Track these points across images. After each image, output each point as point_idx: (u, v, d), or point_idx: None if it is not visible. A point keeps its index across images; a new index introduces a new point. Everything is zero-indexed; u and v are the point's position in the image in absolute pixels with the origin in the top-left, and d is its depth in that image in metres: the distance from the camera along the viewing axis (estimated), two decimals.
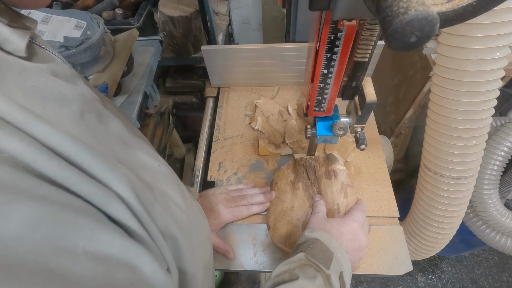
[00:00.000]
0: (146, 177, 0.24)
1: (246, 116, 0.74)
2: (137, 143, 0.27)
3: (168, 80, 1.13)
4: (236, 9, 1.29)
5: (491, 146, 0.67)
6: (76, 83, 0.23)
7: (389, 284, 1.27)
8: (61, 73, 0.22)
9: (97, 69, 0.75)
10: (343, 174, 0.55)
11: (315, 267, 0.37)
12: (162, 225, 0.22)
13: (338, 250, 0.40)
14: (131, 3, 0.94)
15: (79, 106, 0.21)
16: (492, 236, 0.75)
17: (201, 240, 0.36)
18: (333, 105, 0.43)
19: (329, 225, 0.46)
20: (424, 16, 0.15)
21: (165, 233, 0.22)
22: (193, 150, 1.33)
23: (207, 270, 0.38)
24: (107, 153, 0.20)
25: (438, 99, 0.50)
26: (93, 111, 0.22)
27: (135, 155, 0.25)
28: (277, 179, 0.58)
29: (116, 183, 0.18)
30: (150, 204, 0.21)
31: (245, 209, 0.54)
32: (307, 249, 0.39)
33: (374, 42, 0.33)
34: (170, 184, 0.27)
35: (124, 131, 0.25)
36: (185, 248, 0.24)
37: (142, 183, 0.21)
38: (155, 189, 0.24)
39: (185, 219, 0.27)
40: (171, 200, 0.26)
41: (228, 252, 0.52)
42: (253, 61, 0.72)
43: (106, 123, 0.23)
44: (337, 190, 0.53)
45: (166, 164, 0.31)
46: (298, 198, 0.54)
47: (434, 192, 0.57)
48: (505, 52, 0.44)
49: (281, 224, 0.53)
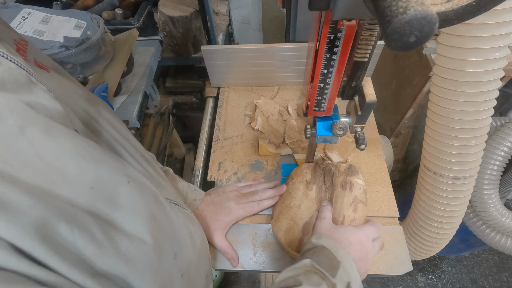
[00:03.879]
0: (94, 204, 0.22)
1: (246, 116, 0.74)
2: (104, 159, 0.25)
3: (168, 80, 1.13)
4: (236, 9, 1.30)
5: (491, 146, 0.67)
6: (31, 92, 0.21)
7: (389, 284, 1.27)
8: (9, 80, 0.20)
9: (97, 69, 0.75)
10: (359, 189, 0.54)
11: (320, 274, 0.36)
12: (100, 265, 0.21)
13: (345, 259, 0.39)
14: (131, 3, 0.95)
15: (17, 120, 0.18)
16: (492, 236, 0.75)
17: (188, 250, 0.35)
18: (333, 105, 0.43)
19: (338, 233, 0.44)
20: (423, 16, 0.15)
21: (104, 273, 0.21)
22: (193, 150, 1.33)
23: (196, 278, 0.37)
24: (32, 181, 0.18)
25: (437, 99, 0.50)
26: (39, 125, 0.20)
27: (94, 172, 0.23)
28: (294, 175, 0.59)
29: (1, 227, 0.16)
30: (60, 245, 0.19)
31: (256, 204, 0.55)
32: (313, 256, 0.38)
33: (374, 42, 0.33)
34: (132, 208, 0.25)
35: (83, 147, 0.23)
36: (141, 280, 0.24)
37: (65, 222, 0.19)
38: (97, 222, 0.21)
39: (146, 249, 0.25)
40: (122, 233, 0.24)
41: (233, 259, 0.52)
42: (253, 61, 0.72)
43: (58, 138, 0.21)
44: (348, 203, 0.52)
45: (142, 177, 0.29)
46: (308, 199, 0.54)
47: (434, 192, 0.57)
48: (505, 52, 0.44)
49: (284, 218, 0.53)
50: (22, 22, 0.68)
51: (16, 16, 0.68)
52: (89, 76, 0.75)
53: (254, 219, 0.57)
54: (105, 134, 0.30)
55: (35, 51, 0.29)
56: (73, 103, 0.29)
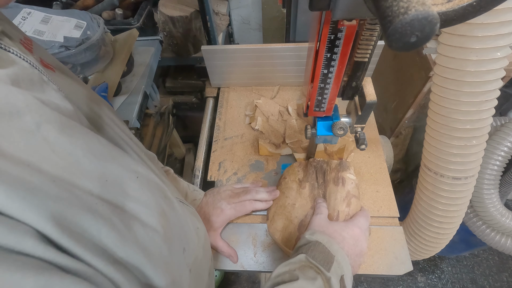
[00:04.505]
0: (110, 195, 0.22)
1: (246, 116, 0.74)
2: (113, 155, 0.25)
3: (168, 80, 1.13)
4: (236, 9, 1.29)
5: (491, 146, 0.67)
6: (44, 91, 0.22)
7: (389, 284, 1.27)
8: (24, 79, 0.21)
9: (97, 69, 0.75)
10: (351, 183, 0.54)
11: (315, 269, 0.37)
12: (120, 253, 0.21)
13: (339, 254, 0.40)
14: (131, 3, 0.94)
15: (34, 116, 0.19)
16: (492, 236, 0.75)
17: (194, 246, 0.35)
18: (333, 105, 0.43)
19: (332, 228, 0.45)
20: (424, 16, 0.15)
21: (123, 262, 0.21)
22: (193, 150, 1.33)
23: (202, 274, 0.38)
24: (54, 171, 0.19)
25: (438, 99, 0.50)
26: (53, 122, 0.20)
27: (105, 168, 0.23)
28: (286, 174, 0.59)
29: (31, 215, 0.17)
30: (84, 233, 0.19)
31: (248, 204, 0.54)
32: (308, 251, 0.39)
33: (374, 42, 0.33)
34: (144, 201, 0.26)
35: (95, 144, 0.23)
36: (155, 270, 0.24)
37: (82, 209, 0.20)
38: (115, 211, 0.22)
39: (158, 240, 0.25)
40: (139, 222, 0.24)
41: (231, 256, 0.52)
42: (253, 61, 0.72)
43: (71, 135, 0.21)
44: (341, 198, 0.53)
45: (150, 173, 0.29)
46: (302, 198, 0.54)
47: (434, 192, 0.57)
48: (506, 52, 0.43)
49: (279, 218, 0.54)
50: (22, 22, 0.68)
51: (16, 16, 0.68)
52: (89, 76, 0.75)
53: (255, 219, 0.57)
54: (110, 131, 0.31)
55: (40, 50, 0.30)
56: (79, 101, 0.29)
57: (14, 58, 0.21)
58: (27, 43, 0.28)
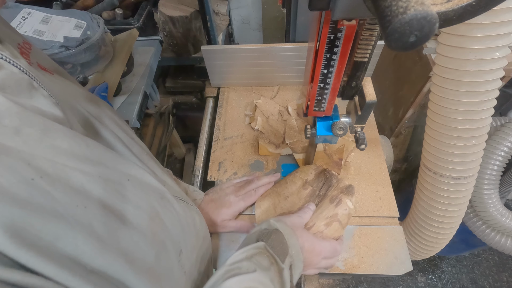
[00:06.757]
0: (107, 194, 0.22)
1: (246, 116, 0.74)
2: (102, 158, 0.25)
3: (168, 80, 1.13)
4: (236, 9, 1.29)
5: (491, 146, 0.67)
6: (32, 97, 0.22)
7: (389, 284, 1.27)
8: (11, 84, 0.21)
9: (97, 69, 0.75)
10: (345, 209, 0.51)
11: (271, 258, 0.37)
12: (98, 261, 0.20)
13: (294, 248, 0.40)
14: (131, 3, 0.95)
15: (14, 120, 0.19)
16: (492, 236, 0.75)
17: (194, 245, 0.35)
18: (333, 105, 0.43)
19: (298, 233, 0.44)
20: (423, 15, 0.15)
21: (100, 271, 0.21)
22: (193, 150, 1.33)
23: (200, 275, 0.38)
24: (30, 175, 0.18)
25: (437, 99, 0.50)
26: (35, 126, 0.20)
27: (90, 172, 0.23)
28: (299, 170, 0.59)
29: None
30: (49, 243, 0.18)
31: (254, 193, 0.57)
32: (268, 240, 0.39)
33: (374, 42, 0.33)
34: (133, 205, 0.25)
35: (81, 148, 0.23)
36: (137, 278, 0.23)
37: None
38: (98, 215, 0.21)
39: (144, 246, 0.25)
40: (124, 226, 0.24)
41: (244, 226, 0.54)
42: (253, 61, 0.72)
43: (55, 138, 0.21)
44: (326, 215, 0.50)
45: (146, 175, 0.29)
46: (298, 196, 0.54)
47: (434, 192, 0.57)
48: (505, 52, 0.44)
49: (268, 200, 0.56)
50: (22, 22, 0.68)
51: (16, 16, 0.68)
52: (89, 76, 0.75)
53: (255, 219, 0.57)
54: (106, 133, 0.30)
55: (38, 54, 0.30)
56: (76, 103, 0.29)
57: (1, 63, 0.21)
58: (26, 47, 0.28)
